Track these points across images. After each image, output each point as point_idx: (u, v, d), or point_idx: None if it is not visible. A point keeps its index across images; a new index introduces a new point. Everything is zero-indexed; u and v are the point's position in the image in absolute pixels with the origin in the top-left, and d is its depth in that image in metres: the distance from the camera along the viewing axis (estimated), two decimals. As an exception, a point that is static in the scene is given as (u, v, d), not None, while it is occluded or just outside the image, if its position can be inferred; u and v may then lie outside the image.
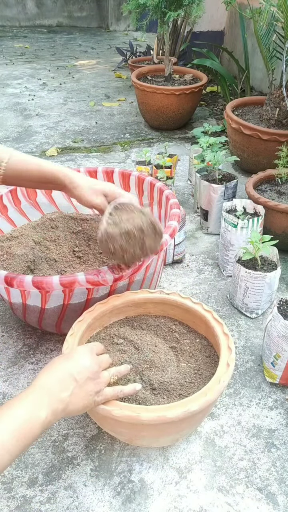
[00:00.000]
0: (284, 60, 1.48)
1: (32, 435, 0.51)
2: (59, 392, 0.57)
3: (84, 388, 0.60)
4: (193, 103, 2.12)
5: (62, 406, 0.56)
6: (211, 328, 0.77)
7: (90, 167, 1.18)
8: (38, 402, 0.54)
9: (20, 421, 0.51)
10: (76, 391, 0.58)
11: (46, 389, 0.56)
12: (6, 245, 1.00)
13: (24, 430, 0.50)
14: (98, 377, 0.63)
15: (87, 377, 0.60)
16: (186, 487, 0.72)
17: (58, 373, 0.59)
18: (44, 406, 0.54)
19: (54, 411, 0.55)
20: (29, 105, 2.46)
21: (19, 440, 0.50)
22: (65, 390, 0.57)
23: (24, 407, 0.52)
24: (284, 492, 0.71)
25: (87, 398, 0.60)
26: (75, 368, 0.60)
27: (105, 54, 3.74)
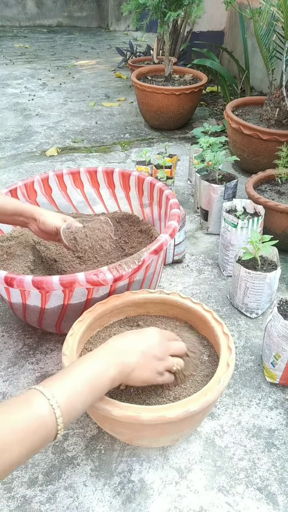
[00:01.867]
0: (284, 60, 1.48)
1: (101, 389, 0.57)
2: (127, 357, 0.61)
3: (149, 362, 0.63)
4: (193, 103, 2.12)
5: (128, 370, 0.60)
6: (211, 328, 0.77)
7: (90, 167, 1.18)
8: (108, 361, 0.59)
9: (92, 374, 0.56)
10: (142, 362, 0.62)
11: (116, 351, 0.61)
12: (6, 245, 1.00)
13: (96, 382, 0.56)
14: (164, 359, 0.66)
15: (153, 355, 0.64)
16: (186, 487, 0.72)
17: (128, 341, 0.64)
18: (113, 365, 0.59)
19: (120, 371, 0.59)
20: (29, 105, 2.46)
21: (91, 392, 0.55)
22: (132, 357, 0.62)
23: (95, 364, 0.58)
24: (284, 492, 0.71)
25: (150, 372, 0.63)
26: (144, 343, 0.64)
27: (105, 54, 3.74)
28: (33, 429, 0.48)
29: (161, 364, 0.65)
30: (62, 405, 0.51)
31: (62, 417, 0.50)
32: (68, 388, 0.53)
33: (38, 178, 1.13)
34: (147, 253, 0.79)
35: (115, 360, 0.60)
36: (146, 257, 0.78)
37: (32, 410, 0.49)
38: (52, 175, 1.15)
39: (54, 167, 1.79)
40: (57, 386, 0.53)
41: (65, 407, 0.51)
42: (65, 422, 0.51)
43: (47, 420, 0.49)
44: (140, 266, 0.77)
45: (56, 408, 0.50)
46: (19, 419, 0.47)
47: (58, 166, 1.79)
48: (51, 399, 0.50)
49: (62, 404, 0.51)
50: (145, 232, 1.11)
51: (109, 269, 0.75)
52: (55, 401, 0.50)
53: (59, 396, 0.51)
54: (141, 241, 1.10)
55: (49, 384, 0.53)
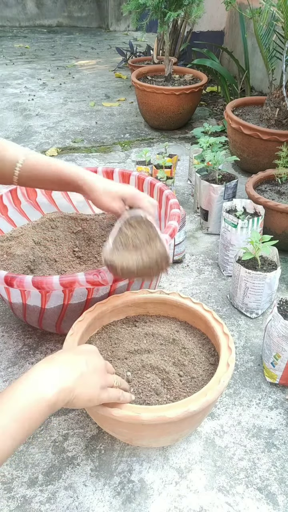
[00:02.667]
0: (284, 60, 1.48)
1: (38, 418, 0.48)
2: (69, 370, 0.54)
3: (92, 377, 0.57)
4: (193, 103, 2.12)
5: (70, 385, 0.52)
6: (211, 328, 0.77)
7: (90, 167, 1.18)
8: (45, 379, 0.50)
9: (24, 402, 0.47)
10: (86, 376, 0.55)
11: (54, 365, 0.53)
12: (6, 245, 1.00)
13: (30, 411, 0.47)
14: (105, 374, 0.61)
15: (95, 368, 0.58)
16: (186, 487, 0.72)
17: (66, 356, 0.57)
18: (50, 387, 0.50)
19: (62, 389, 0.51)
20: (29, 105, 2.46)
21: (23, 425, 0.46)
22: (75, 371, 0.54)
23: (27, 388, 0.48)
24: (284, 492, 0.71)
25: (93, 389, 0.57)
26: (85, 356, 0.59)
27: (105, 54, 3.74)
28: None
29: (103, 379, 0.59)
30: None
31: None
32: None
33: (38, 178, 1.13)
34: (147, 253, 0.79)
35: (54, 376, 0.51)
36: (146, 257, 0.78)
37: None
38: (52, 175, 1.15)
39: (54, 167, 1.79)
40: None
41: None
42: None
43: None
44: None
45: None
46: None
47: (58, 166, 1.79)
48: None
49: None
50: (145, 232, 1.11)
51: (109, 269, 0.75)
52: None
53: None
54: (141, 241, 1.10)
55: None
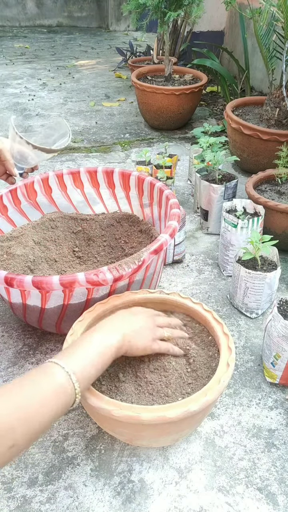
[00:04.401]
0: (284, 60, 1.48)
1: (109, 355, 0.63)
2: (124, 327, 0.68)
3: (142, 332, 0.70)
4: (193, 103, 2.12)
5: (127, 337, 0.67)
6: (211, 328, 0.77)
7: (90, 167, 1.18)
8: (110, 332, 0.66)
9: (99, 343, 0.63)
10: (137, 331, 0.70)
11: (114, 324, 0.69)
12: (6, 245, 1.00)
13: (103, 350, 0.63)
14: (154, 329, 0.73)
15: (146, 324, 0.72)
16: (186, 487, 0.72)
17: (121, 317, 0.72)
18: (115, 335, 0.66)
19: (121, 340, 0.66)
20: (29, 105, 2.46)
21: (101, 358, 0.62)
22: (128, 327, 0.69)
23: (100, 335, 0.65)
24: (284, 492, 0.71)
25: (145, 340, 0.70)
26: (135, 318, 0.72)
27: (105, 54, 3.74)
28: (57, 395, 0.54)
29: (153, 333, 0.72)
30: (77, 373, 0.57)
31: (78, 382, 0.56)
32: (80, 358, 0.59)
33: (38, 178, 1.14)
34: (147, 253, 0.79)
35: (117, 331, 0.67)
36: (146, 257, 0.78)
37: (53, 379, 0.55)
38: (52, 175, 1.15)
39: (54, 167, 1.79)
40: (70, 357, 0.59)
41: (80, 374, 0.57)
42: (82, 387, 0.57)
43: (66, 386, 0.55)
44: (140, 266, 0.77)
45: (72, 375, 0.56)
46: (44, 388, 0.53)
47: (58, 166, 1.79)
48: (65, 367, 0.56)
49: (77, 372, 0.57)
50: (145, 232, 1.11)
51: (109, 269, 0.75)
52: (70, 368, 0.57)
53: (73, 365, 0.58)
54: (141, 241, 1.10)
55: (62, 356, 0.59)
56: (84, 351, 0.61)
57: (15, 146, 0.85)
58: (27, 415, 0.50)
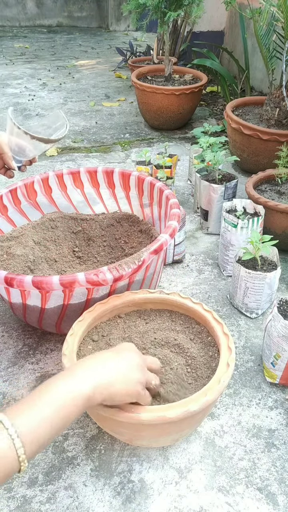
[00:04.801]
0: (284, 60, 1.48)
1: (75, 410, 0.51)
2: (103, 370, 0.56)
3: (130, 373, 0.59)
4: (193, 103, 2.12)
5: (104, 383, 0.55)
6: (211, 328, 0.77)
7: (90, 167, 1.18)
8: (80, 377, 0.54)
9: (62, 394, 0.51)
10: (122, 373, 0.58)
11: (89, 366, 0.56)
12: (6, 245, 1.00)
13: (67, 404, 0.51)
14: (145, 370, 0.63)
15: (133, 364, 0.60)
16: (186, 487, 0.72)
17: (102, 356, 0.59)
18: (87, 381, 0.53)
19: (96, 386, 0.54)
20: (29, 105, 2.46)
21: (61, 414, 0.50)
22: (110, 369, 0.57)
23: (65, 382, 0.53)
24: (284, 492, 0.71)
25: (131, 384, 0.58)
26: (122, 355, 0.61)
27: (105, 54, 3.74)
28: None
29: (143, 375, 0.61)
30: (24, 435, 0.46)
31: (23, 448, 0.46)
32: (33, 414, 0.48)
33: (38, 178, 1.14)
34: (147, 253, 0.79)
35: (90, 374, 0.55)
36: (146, 257, 0.78)
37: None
38: (52, 175, 1.15)
39: (54, 167, 1.79)
40: (20, 413, 0.48)
41: (29, 436, 0.47)
42: (29, 452, 0.46)
43: (6, 452, 0.45)
44: (140, 266, 0.77)
45: (16, 439, 0.45)
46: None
47: (58, 166, 1.79)
48: (9, 429, 0.46)
49: (24, 433, 0.46)
50: (145, 232, 1.11)
51: (109, 269, 0.75)
52: (14, 430, 0.46)
53: (22, 424, 0.47)
54: (141, 241, 1.10)
55: (11, 411, 0.48)
56: (41, 403, 0.49)
57: (13, 138, 0.85)
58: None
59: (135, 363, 0.61)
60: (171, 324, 0.82)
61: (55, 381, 0.53)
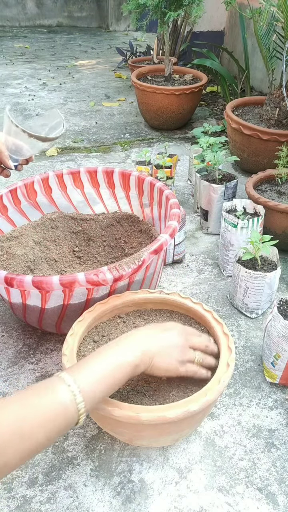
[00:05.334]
0: (284, 60, 1.48)
1: (123, 374, 0.59)
2: (147, 343, 0.63)
3: (169, 351, 0.65)
4: (193, 103, 2.12)
5: (149, 355, 0.62)
6: (211, 328, 0.77)
7: (90, 167, 1.18)
8: (129, 347, 0.61)
9: (114, 360, 0.58)
10: (163, 350, 0.64)
11: (136, 339, 0.63)
12: (6, 245, 1.00)
13: (117, 368, 0.58)
14: (185, 349, 0.67)
15: (173, 344, 0.66)
16: (186, 487, 0.72)
17: (148, 331, 0.66)
18: (134, 351, 0.61)
19: (142, 358, 0.61)
20: (29, 105, 2.46)
21: (113, 377, 0.57)
22: (153, 344, 0.64)
23: (116, 350, 0.60)
24: (284, 492, 0.71)
25: (171, 360, 0.65)
26: (165, 333, 0.67)
27: (105, 54, 3.74)
28: (56, 415, 0.50)
29: (182, 353, 0.66)
30: (84, 391, 0.53)
31: (84, 402, 0.52)
32: (90, 374, 0.55)
33: (38, 178, 1.14)
34: (147, 253, 0.79)
35: (136, 347, 0.62)
36: (146, 257, 0.78)
37: (54, 396, 0.51)
38: (52, 175, 1.15)
39: (54, 167, 1.79)
40: (79, 373, 0.55)
41: (88, 393, 0.53)
42: (88, 407, 0.53)
43: (69, 406, 0.51)
44: (140, 266, 0.77)
45: (78, 395, 0.52)
46: (42, 405, 0.49)
47: (58, 166, 1.79)
48: (72, 385, 0.52)
49: (84, 390, 0.53)
50: (145, 232, 1.11)
51: (109, 269, 0.75)
52: (77, 386, 0.52)
53: (81, 382, 0.53)
54: (141, 241, 1.10)
55: (72, 371, 0.55)
56: (96, 366, 0.57)
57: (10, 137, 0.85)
58: (22, 431, 0.47)
59: (176, 342, 0.67)
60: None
61: (110, 349, 0.60)
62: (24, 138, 0.84)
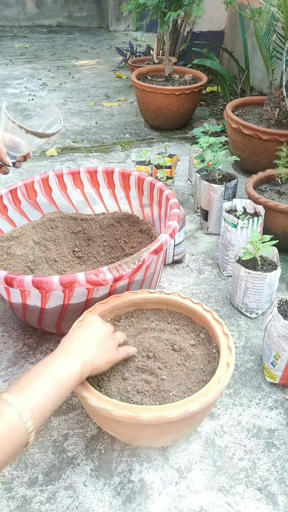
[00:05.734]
0: (284, 60, 1.48)
1: (70, 386, 0.59)
2: (85, 349, 0.64)
3: (104, 344, 0.68)
4: (193, 103, 2.12)
5: (88, 359, 0.63)
6: (211, 328, 0.77)
7: (90, 167, 1.18)
8: (69, 358, 0.61)
9: (58, 373, 0.58)
10: (100, 347, 0.67)
11: (71, 348, 0.64)
12: (6, 245, 1.00)
13: (63, 380, 0.58)
14: (112, 335, 0.71)
15: (105, 335, 0.69)
16: (186, 487, 0.72)
17: (79, 336, 0.67)
18: (75, 360, 0.61)
19: (84, 363, 0.62)
20: (29, 105, 2.46)
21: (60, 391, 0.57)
22: (89, 348, 0.65)
23: (58, 362, 0.60)
24: (284, 492, 0.71)
25: (109, 352, 0.68)
26: (93, 331, 0.69)
27: (105, 54, 3.74)
28: (4, 437, 0.49)
29: (114, 339, 0.71)
30: (30, 410, 0.52)
31: (32, 419, 0.51)
32: (35, 392, 0.54)
33: (38, 178, 1.14)
34: (147, 253, 0.79)
35: (75, 357, 0.62)
36: (146, 257, 0.78)
37: (1, 419, 0.50)
38: (52, 175, 1.15)
39: (54, 167, 1.79)
40: (23, 391, 0.54)
41: (35, 410, 0.52)
42: (37, 424, 0.52)
43: (17, 426, 0.50)
44: (140, 266, 0.77)
45: (24, 414, 0.51)
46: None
47: (58, 166, 1.79)
48: (16, 405, 0.51)
49: (30, 408, 0.52)
50: (145, 232, 1.11)
51: (109, 269, 0.75)
52: (22, 406, 0.51)
53: (26, 401, 0.52)
54: (141, 241, 1.10)
55: (14, 390, 0.53)
56: (40, 382, 0.56)
57: (7, 134, 0.85)
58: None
59: (104, 332, 0.70)
60: (171, 324, 0.82)
61: (49, 362, 0.59)
62: (21, 135, 0.84)
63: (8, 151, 0.87)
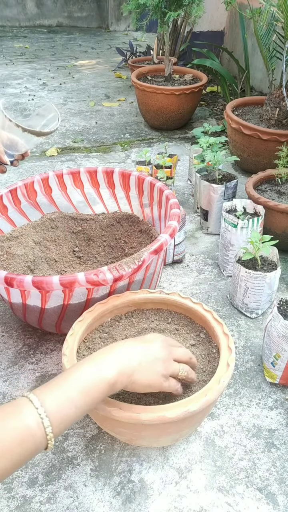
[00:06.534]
0: (284, 60, 1.48)
1: (99, 394, 0.54)
2: (127, 357, 0.59)
3: (152, 365, 0.61)
4: (193, 103, 2.12)
5: (128, 371, 0.57)
6: (211, 328, 0.77)
7: (90, 167, 1.18)
8: (105, 362, 0.56)
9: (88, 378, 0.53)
10: (144, 364, 0.60)
11: (115, 352, 0.58)
12: (6, 245, 1.00)
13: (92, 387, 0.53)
14: (168, 363, 0.63)
15: (155, 357, 0.62)
16: (186, 487, 0.72)
17: (128, 344, 0.61)
18: (111, 367, 0.56)
19: (120, 373, 0.56)
20: (29, 105, 2.46)
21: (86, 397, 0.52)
22: (133, 358, 0.59)
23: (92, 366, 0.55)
24: (284, 492, 0.71)
25: (154, 375, 0.61)
26: (146, 346, 0.62)
27: (105, 54, 3.74)
28: (22, 440, 0.46)
29: (166, 368, 0.62)
30: (52, 415, 0.49)
31: (51, 427, 0.48)
32: (60, 395, 0.51)
33: (38, 178, 1.14)
34: (147, 253, 0.79)
35: (114, 361, 0.57)
36: (146, 257, 0.78)
37: (19, 420, 0.47)
38: (52, 175, 1.15)
39: (54, 167, 1.79)
40: (48, 393, 0.50)
41: (57, 416, 0.49)
42: (56, 432, 0.49)
43: (35, 430, 0.47)
44: (140, 266, 0.77)
45: (45, 418, 0.48)
46: (5, 429, 0.46)
47: (58, 166, 1.79)
48: (39, 408, 0.48)
49: (52, 413, 0.49)
50: (145, 232, 1.11)
51: (109, 269, 0.75)
52: (43, 410, 0.48)
53: (50, 404, 0.49)
54: (141, 241, 1.10)
55: (40, 392, 0.51)
56: (68, 386, 0.52)
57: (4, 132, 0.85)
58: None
59: (159, 355, 0.62)
60: (171, 324, 0.82)
61: (82, 366, 0.55)
62: (19, 133, 0.84)
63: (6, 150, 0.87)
